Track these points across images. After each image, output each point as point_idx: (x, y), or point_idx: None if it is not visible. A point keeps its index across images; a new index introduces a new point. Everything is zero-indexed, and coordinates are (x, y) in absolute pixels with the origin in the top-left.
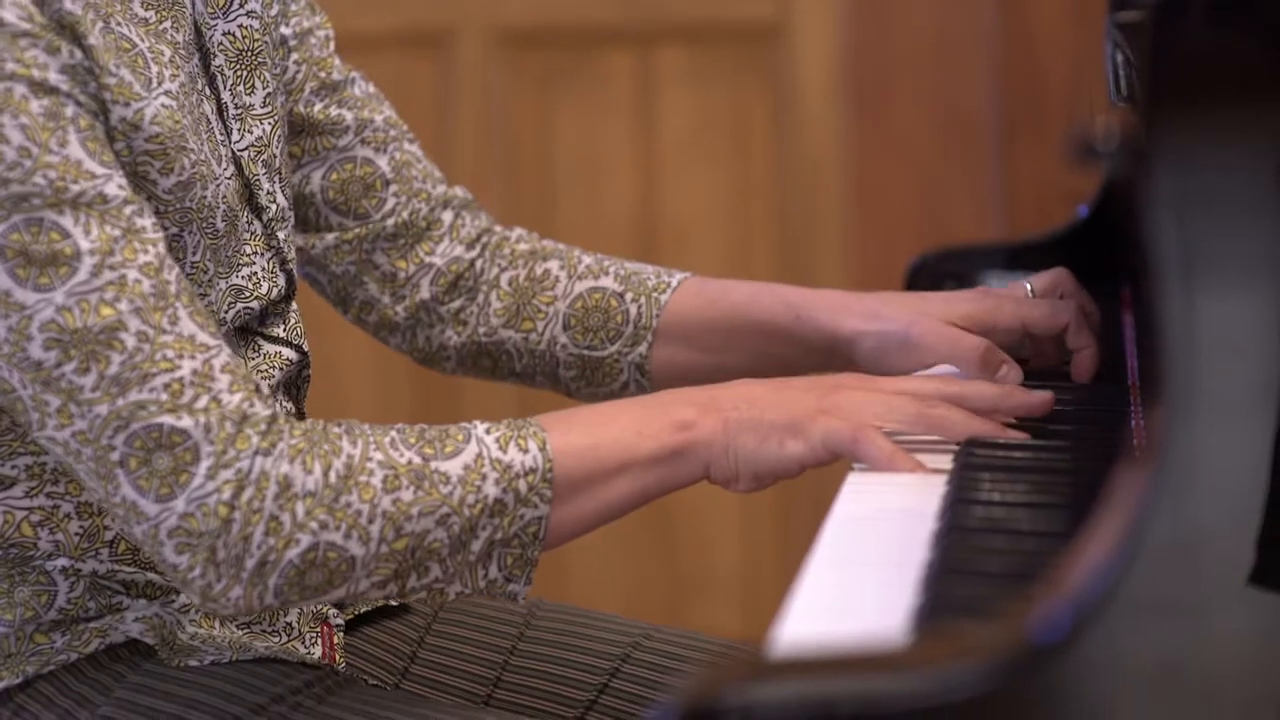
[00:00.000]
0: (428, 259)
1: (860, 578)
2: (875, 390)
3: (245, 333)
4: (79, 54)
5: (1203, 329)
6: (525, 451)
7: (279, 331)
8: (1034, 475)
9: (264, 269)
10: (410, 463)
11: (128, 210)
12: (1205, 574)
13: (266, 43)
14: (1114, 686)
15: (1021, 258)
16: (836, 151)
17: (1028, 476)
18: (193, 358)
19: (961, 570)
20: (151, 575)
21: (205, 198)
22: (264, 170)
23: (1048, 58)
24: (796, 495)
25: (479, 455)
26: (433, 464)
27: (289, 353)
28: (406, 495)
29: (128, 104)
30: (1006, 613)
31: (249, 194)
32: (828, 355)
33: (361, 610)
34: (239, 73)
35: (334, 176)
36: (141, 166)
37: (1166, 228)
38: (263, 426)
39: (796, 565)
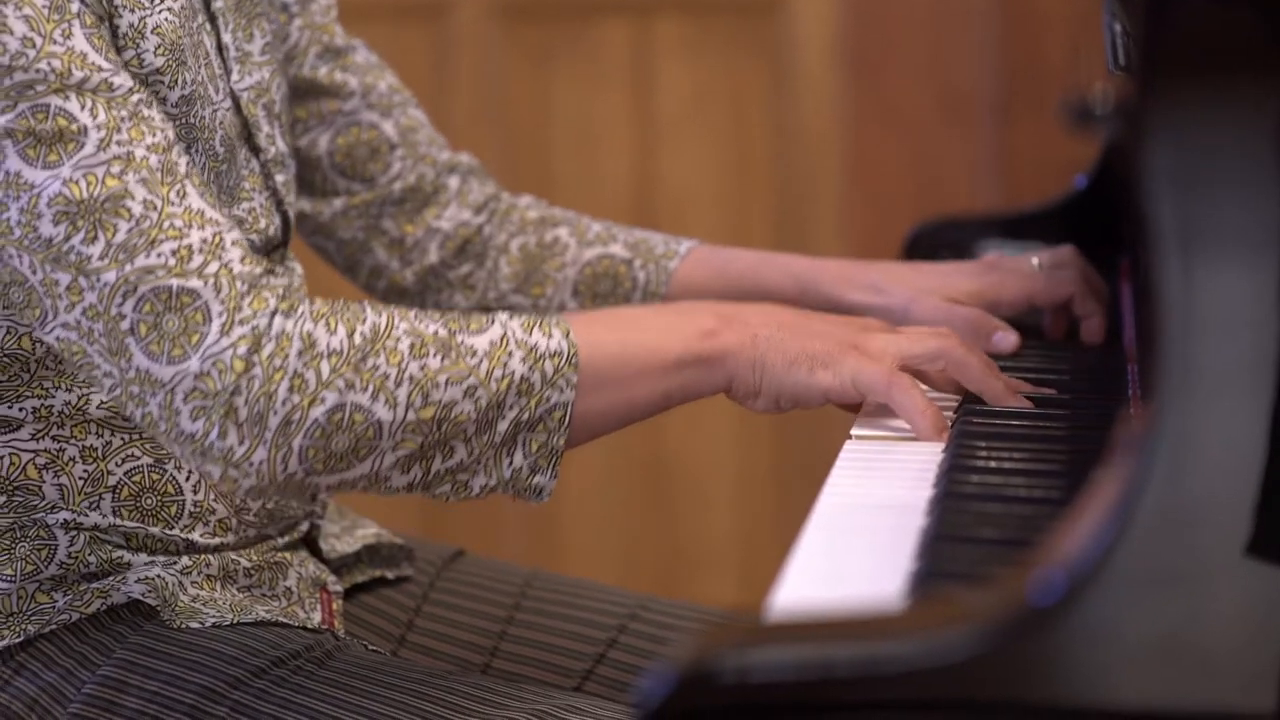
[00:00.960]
0: (435, 224)
1: (857, 543)
2: (901, 333)
3: None
4: None
5: (1200, 300)
6: (550, 336)
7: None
8: (1030, 443)
9: (261, 206)
10: (437, 334)
11: (134, 98)
12: (1203, 545)
13: None
14: (1112, 657)
15: (1019, 228)
16: (834, 123)
17: (1024, 444)
18: (201, 229)
19: (958, 537)
20: (153, 529)
21: (204, 117)
22: (264, 113)
23: (1045, 28)
24: (793, 461)
25: (504, 335)
26: (459, 337)
27: None
28: (434, 363)
29: (134, 10)
30: (1002, 578)
31: (247, 133)
32: None
33: (358, 580)
34: (238, 20)
35: (340, 140)
36: (151, 79)
37: (1164, 199)
38: (280, 291)
39: (794, 532)
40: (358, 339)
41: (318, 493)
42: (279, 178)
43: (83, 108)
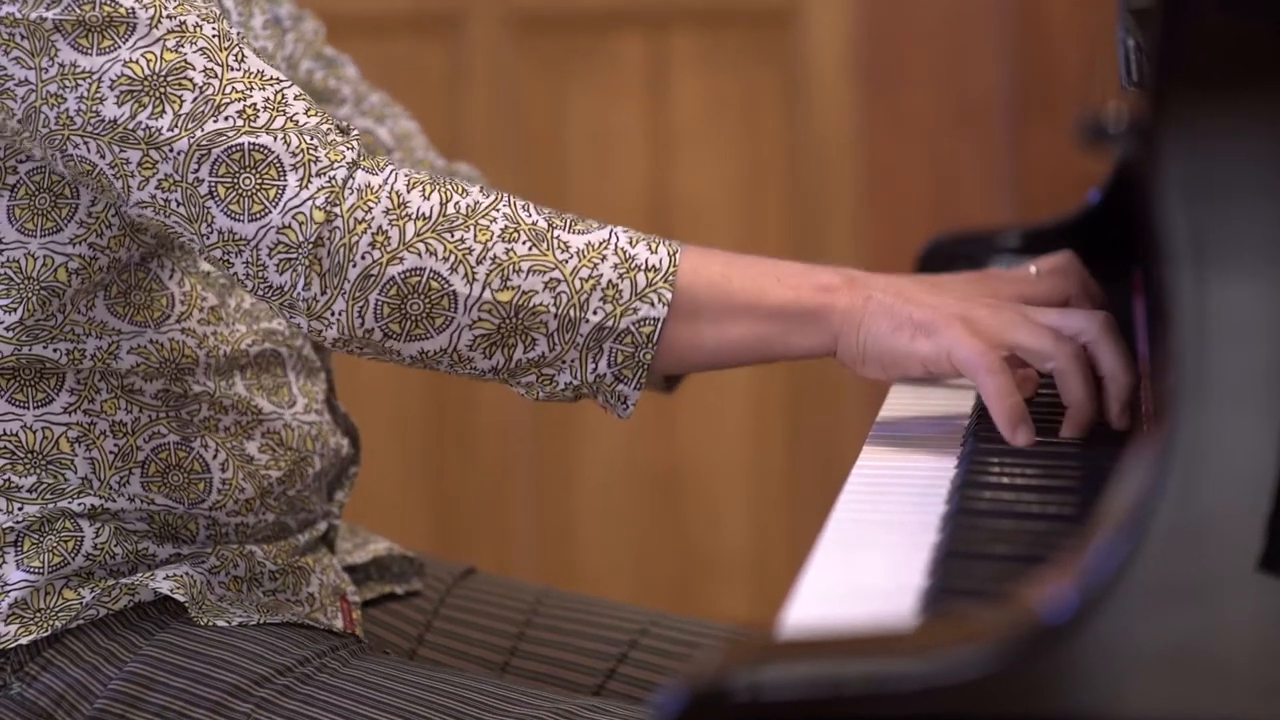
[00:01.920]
0: None
1: (869, 560)
2: (1024, 316)
3: None
4: None
5: (1213, 312)
6: (654, 252)
7: None
8: (1042, 459)
9: None
10: (535, 224)
11: None
12: (1216, 558)
13: None
14: (1126, 671)
15: (1034, 242)
16: (848, 134)
17: (1036, 460)
18: (263, 89)
19: (970, 553)
20: (178, 507)
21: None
22: None
23: (1059, 40)
24: (806, 474)
25: (606, 240)
26: (557, 231)
27: None
28: (521, 249)
29: None
30: (1014, 595)
31: None
32: None
33: (368, 596)
34: (239, 3)
35: None
36: None
37: (1176, 212)
38: (355, 144)
39: (807, 544)
40: (450, 209)
41: (400, 361)
42: None
43: None
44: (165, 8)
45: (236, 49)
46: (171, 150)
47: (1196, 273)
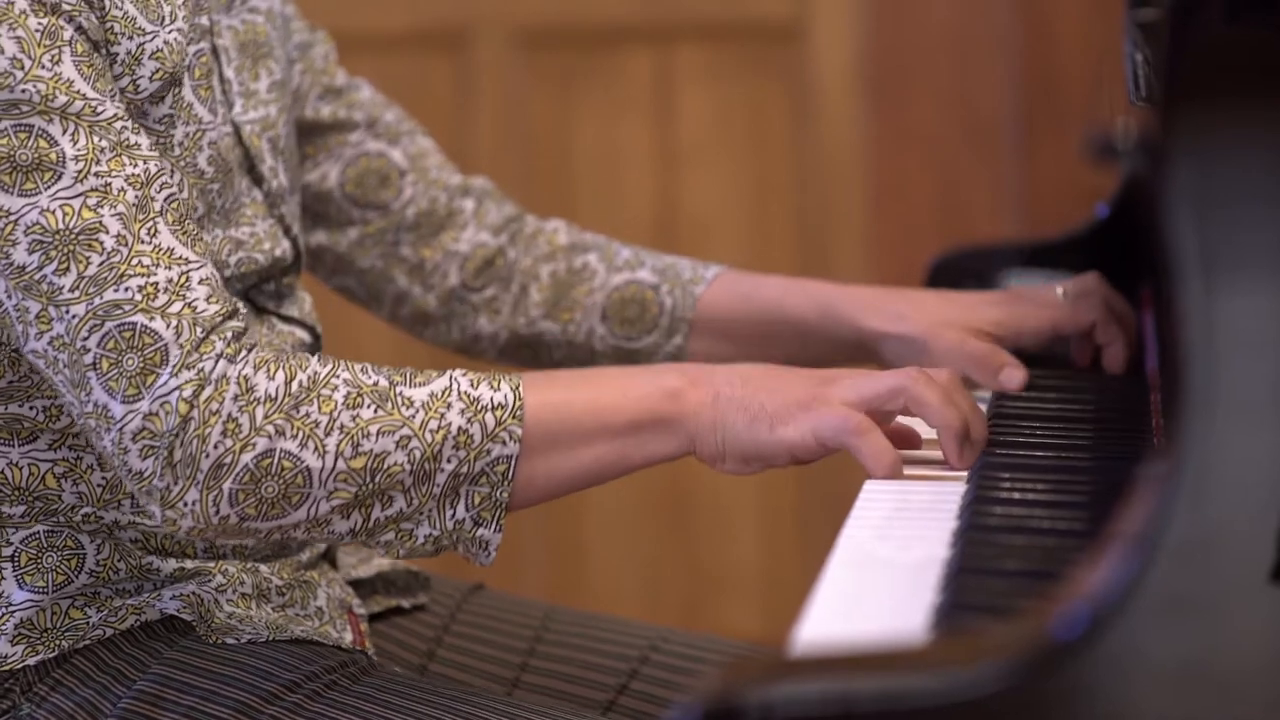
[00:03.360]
0: (453, 246)
1: (880, 576)
2: (863, 376)
3: (261, 312)
4: None
5: (1222, 327)
6: (496, 390)
7: (293, 312)
8: (1053, 474)
9: (265, 231)
10: (376, 384)
11: (118, 125)
12: (1226, 571)
13: (273, 37)
14: (1136, 684)
15: (1042, 257)
16: (855, 149)
17: (1047, 476)
18: (168, 268)
19: (981, 569)
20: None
21: (189, 134)
22: (268, 146)
23: (1067, 54)
24: (816, 490)
25: (447, 388)
26: (399, 388)
27: (302, 333)
28: (366, 413)
29: (131, 38)
30: (1025, 612)
31: (249, 163)
32: (855, 351)
33: (374, 610)
34: (244, 60)
35: (350, 171)
36: (145, 103)
37: (1185, 226)
38: (229, 335)
39: (817, 561)
40: (294, 386)
41: (258, 538)
42: (283, 209)
43: (64, 132)
44: (98, 161)
45: (152, 223)
46: (68, 311)
47: (1205, 286)
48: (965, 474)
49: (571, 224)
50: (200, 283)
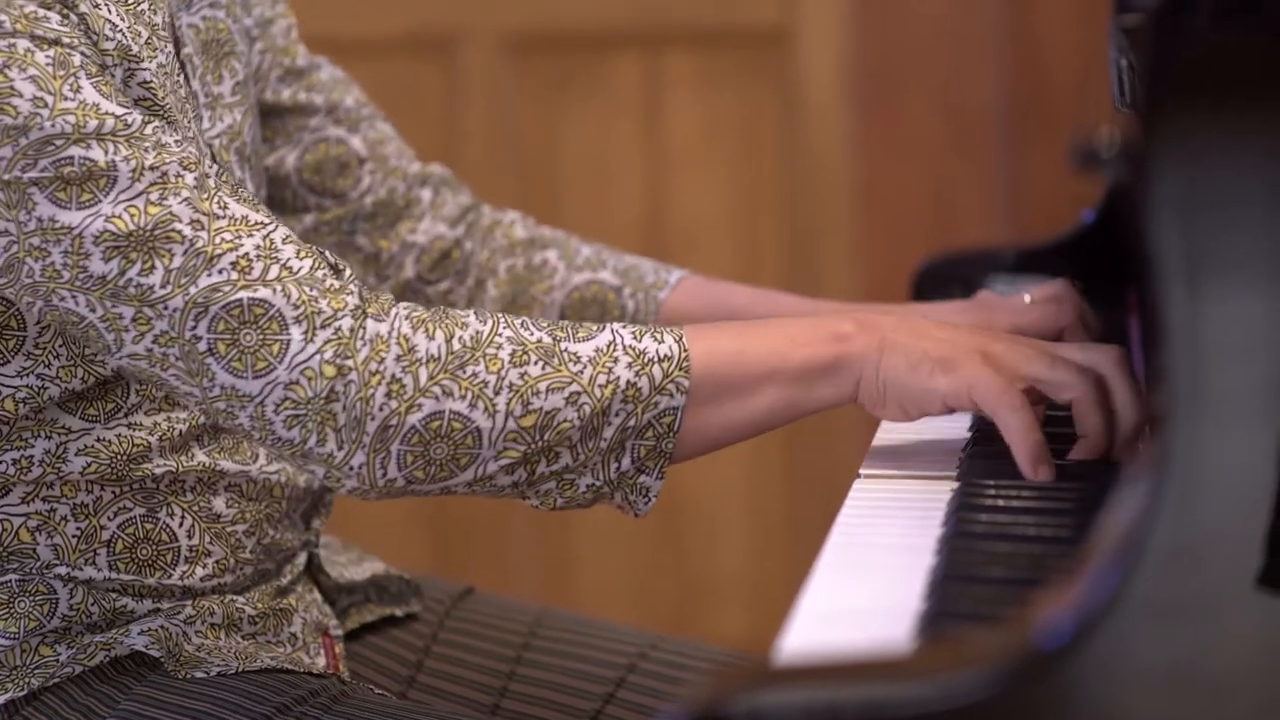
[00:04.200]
0: (410, 237)
1: (866, 584)
2: (1042, 349)
3: None
4: (74, 17)
5: (1208, 332)
6: (660, 342)
7: None
8: (1038, 481)
9: None
10: (540, 341)
11: (150, 129)
12: (1213, 576)
13: (234, 31)
14: (1124, 689)
15: (1029, 262)
16: (844, 154)
17: (1032, 483)
18: (251, 235)
19: (966, 576)
20: (149, 580)
21: None
22: (236, 158)
23: (1054, 58)
24: (805, 496)
25: (612, 342)
26: (563, 344)
27: None
28: (535, 370)
29: (124, 65)
30: (1010, 619)
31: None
32: None
33: (366, 620)
34: (206, 63)
35: (308, 157)
36: None
37: (1169, 231)
38: (354, 292)
39: (806, 566)
40: (456, 345)
41: (420, 496)
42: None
43: (105, 152)
44: (146, 158)
45: (218, 195)
46: (166, 307)
47: (1189, 290)
48: (953, 479)
49: (528, 217)
50: (284, 241)
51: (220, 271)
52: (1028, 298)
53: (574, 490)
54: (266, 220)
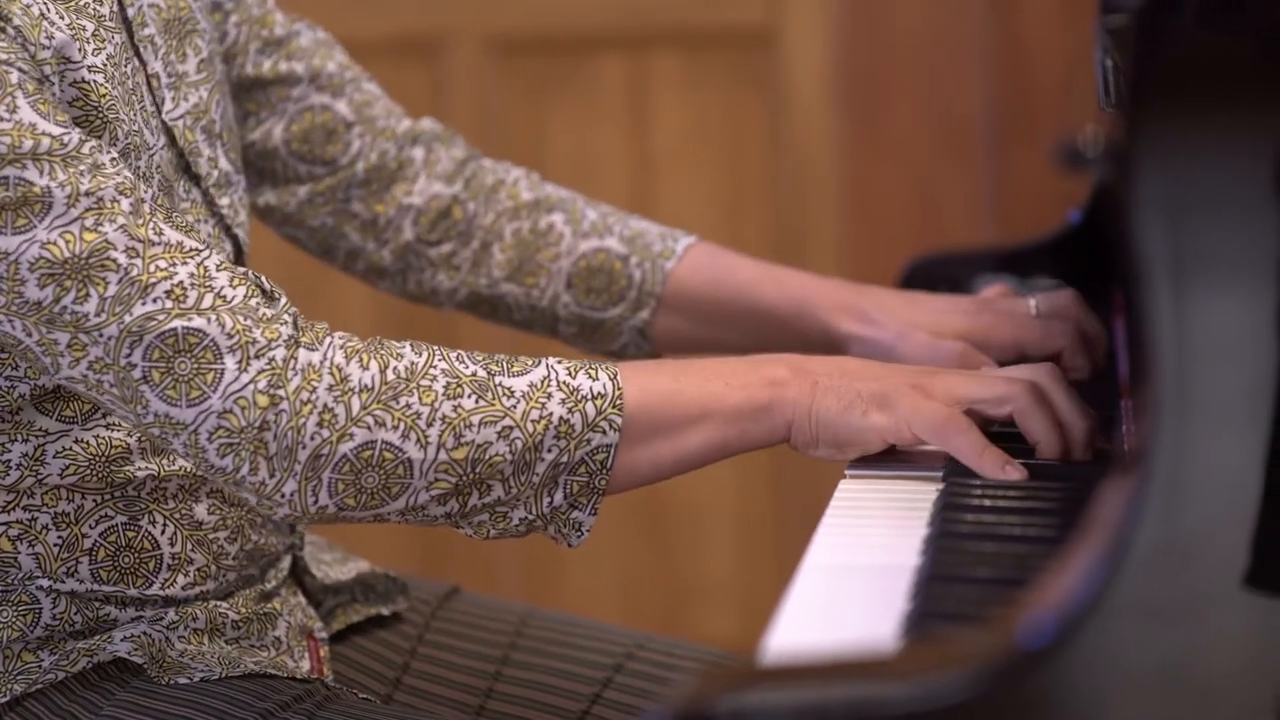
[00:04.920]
0: (406, 200)
1: (851, 584)
2: (971, 376)
3: None
4: (10, 30)
5: (1192, 331)
6: (595, 379)
7: None
8: (1024, 481)
9: (209, 234)
10: (475, 374)
11: (87, 149)
12: (1200, 577)
13: (195, 9)
14: (1111, 689)
15: (1015, 262)
16: (830, 156)
17: (1018, 483)
18: (185, 263)
19: (951, 576)
20: (130, 590)
21: (140, 168)
22: (203, 136)
23: (1040, 60)
24: (791, 496)
25: (546, 377)
26: (498, 378)
27: None
28: (468, 403)
29: (61, 68)
30: (994, 619)
31: (184, 164)
32: (823, 349)
33: (353, 620)
34: (169, 41)
35: (295, 128)
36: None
37: (1153, 231)
38: (289, 321)
39: (793, 566)
40: (390, 375)
41: (352, 523)
42: (223, 201)
43: (41, 173)
44: (81, 183)
45: (153, 221)
46: (101, 335)
47: (1174, 291)
48: (938, 479)
49: (532, 173)
50: (218, 269)
51: (155, 300)
52: (1033, 305)
53: (507, 522)
54: (200, 246)
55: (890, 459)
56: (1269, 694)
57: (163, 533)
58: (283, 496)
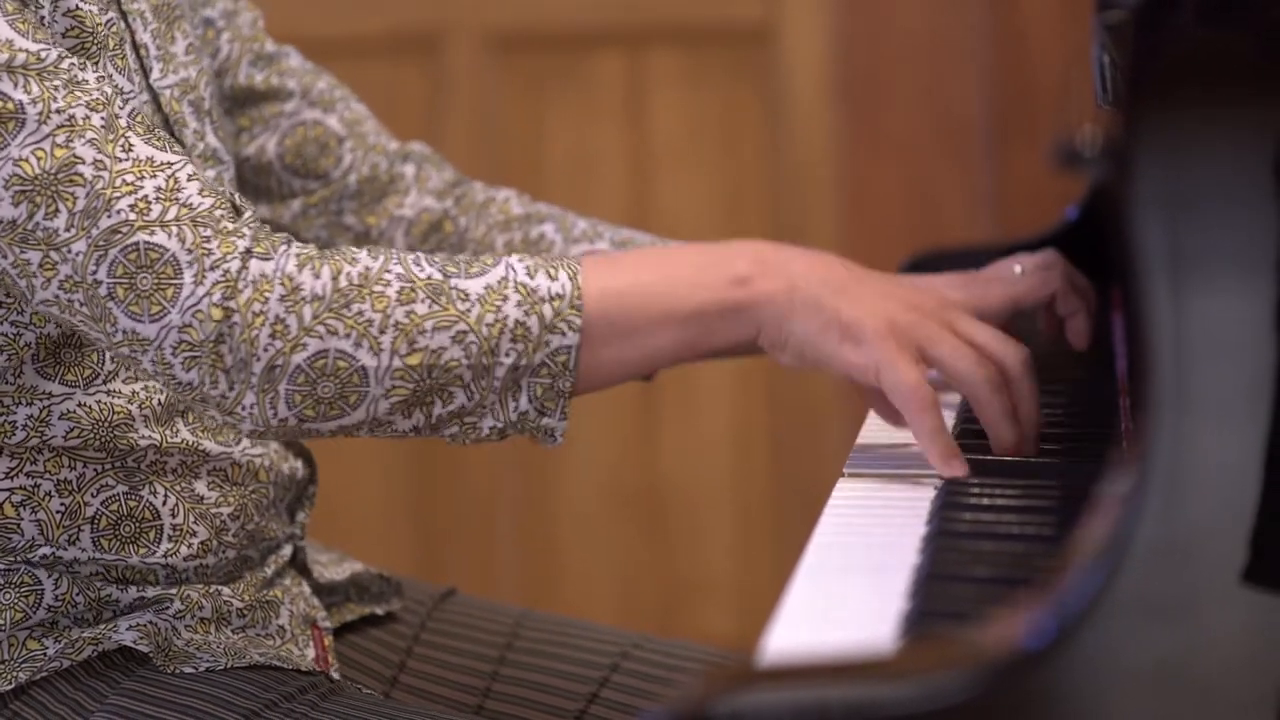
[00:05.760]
0: (398, 211)
1: (850, 583)
2: (952, 329)
3: None
4: None
5: (1190, 327)
6: (554, 279)
7: None
8: (1023, 479)
9: None
10: (430, 278)
11: (65, 64)
12: (1199, 574)
13: (185, 6)
14: (1110, 688)
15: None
16: (828, 153)
17: (1016, 480)
18: (154, 176)
19: (951, 575)
20: (132, 559)
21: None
22: (190, 110)
23: (1038, 58)
24: (790, 492)
25: (504, 278)
26: (453, 281)
27: None
28: (421, 309)
29: (55, 3)
30: (993, 619)
31: (168, 129)
32: None
33: (346, 619)
34: (158, 24)
35: (288, 141)
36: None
37: (1151, 228)
38: (248, 232)
39: (792, 562)
40: (343, 282)
41: (324, 437)
42: (210, 173)
43: (15, 86)
44: (55, 100)
45: (125, 137)
46: (70, 251)
47: (1172, 287)
48: (937, 478)
49: (523, 193)
50: (189, 179)
51: (119, 213)
52: (1018, 268)
53: (478, 433)
54: (173, 159)
55: (889, 457)
56: (1269, 691)
57: (164, 503)
58: (244, 409)
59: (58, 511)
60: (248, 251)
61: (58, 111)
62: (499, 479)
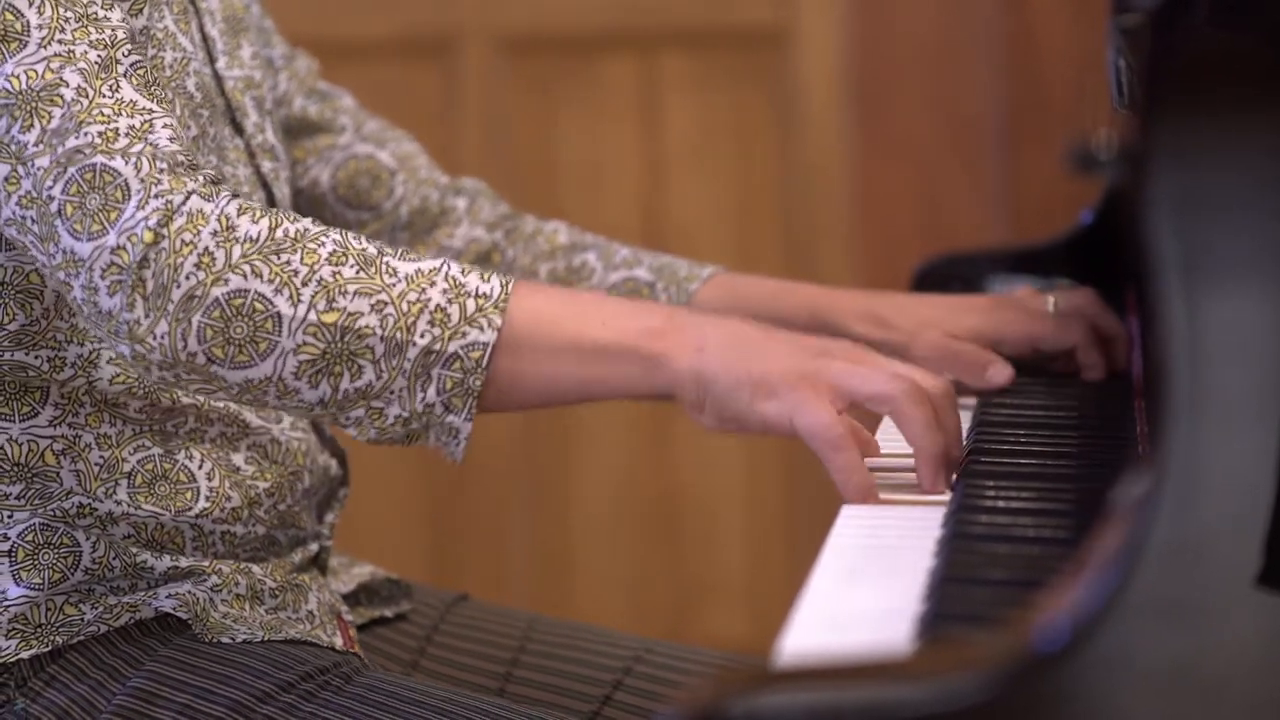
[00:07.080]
0: (447, 242)
1: (865, 585)
2: (866, 364)
3: None
4: None
5: (1205, 330)
6: (486, 282)
7: None
8: (1038, 482)
9: (245, 177)
10: (365, 250)
11: None
12: (1213, 576)
13: (249, 17)
14: (1124, 689)
15: (1027, 263)
16: (840, 156)
17: (1032, 483)
18: (130, 117)
19: (966, 578)
20: (164, 516)
21: (165, 59)
22: (252, 103)
23: (1051, 60)
24: (803, 495)
25: (436, 269)
26: (386, 258)
27: None
28: (348, 271)
29: None
30: (1009, 621)
31: (230, 113)
32: None
33: (358, 622)
34: (227, 27)
35: (341, 174)
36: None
37: (1167, 230)
38: (202, 178)
39: (805, 566)
40: (279, 234)
41: (227, 393)
42: (265, 164)
43: (30, 5)
44: (61, 30)
45: (115, 80)
46: (34, 166)
47: (1187, 290)
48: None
49: (572, 225)
50: (164, 127)
51: (85, 135)
52: (1051, 302)
53: (383, 420)
54: (155, 109)
55: (903, 459)
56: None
57: (200, 467)
58: (154, 339)
59: (96, 464)
60: (194, 192)
61: (59, 42)
62: (512, 485)
